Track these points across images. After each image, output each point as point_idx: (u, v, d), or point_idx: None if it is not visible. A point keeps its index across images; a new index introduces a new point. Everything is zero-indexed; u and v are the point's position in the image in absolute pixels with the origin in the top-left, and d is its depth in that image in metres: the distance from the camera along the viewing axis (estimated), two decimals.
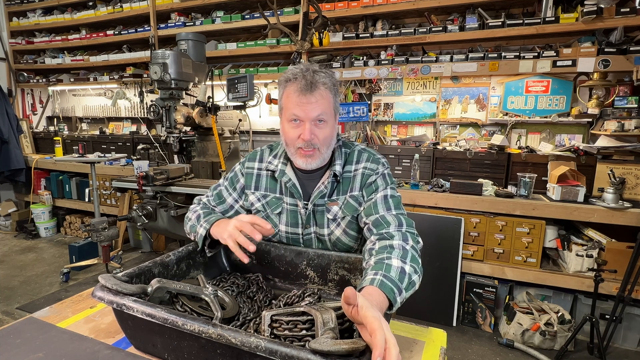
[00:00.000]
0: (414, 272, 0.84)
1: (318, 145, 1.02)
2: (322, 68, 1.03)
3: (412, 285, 0.82)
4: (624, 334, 2.21)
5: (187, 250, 1.00)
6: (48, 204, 4.08)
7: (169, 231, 2.47)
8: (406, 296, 0.80)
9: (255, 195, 1.15)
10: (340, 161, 1.09)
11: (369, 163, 1.10)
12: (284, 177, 1.10)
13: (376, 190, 1.05)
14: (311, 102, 0.98)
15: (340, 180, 1.09)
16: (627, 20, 2.28)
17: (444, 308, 2.43)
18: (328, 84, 1.01)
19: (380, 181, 1.07)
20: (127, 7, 3.78)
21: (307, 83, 0.98)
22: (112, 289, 0.71)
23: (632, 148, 2.20)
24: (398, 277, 0.79)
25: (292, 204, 1.11)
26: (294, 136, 1.02)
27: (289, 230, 1.12)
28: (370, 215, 1.01)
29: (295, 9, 3.09)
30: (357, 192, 1.08)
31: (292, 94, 1.00)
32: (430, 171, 2.78)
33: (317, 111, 0.99)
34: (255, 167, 1.16)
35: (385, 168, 1.10)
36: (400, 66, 2.85)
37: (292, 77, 1.01)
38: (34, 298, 2.71)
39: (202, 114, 2.67)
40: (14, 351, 0.73)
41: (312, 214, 1.10)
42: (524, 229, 2.29)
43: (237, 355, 0.62)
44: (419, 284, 0.86)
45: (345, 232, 1.09)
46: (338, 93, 1.07)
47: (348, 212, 1.07)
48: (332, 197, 1.09)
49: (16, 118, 4.00)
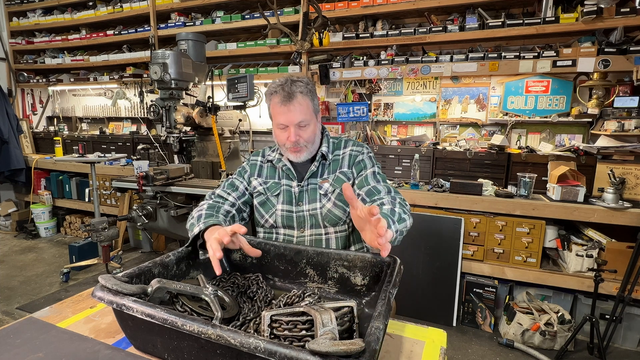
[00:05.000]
0: (403, 213, 1.02)
1: (304, 144, 1.22)
2: (298, 78, 1.21)
3: (402, 221, 0.99)
4: (624, 334, 2.21)
5: (187, 250, 1.00)
6: (48, 204, 4.09)
7: (169, 231, 2.47)
8: (400, 228, 0.96)
9: (257, 181, 1.33)
10: (326, 145, 1.30)
11: (354, 147, 1.32)
12: (280, 163, 1.30)
13: (365, 167, 1.26)
14: (291, 111, 1.16)
15: (329, 162, 1.30)
16: (627, 20, 2.28)
17: (444, 308, 2.43)
18: (304, 91, 1.18)
19: (367, 160, 1.28)
20: (127, 7, 3.77)
21: (285, 94, 1.16)
22: (112, 289, 0.71)
23: (632, 148, 2.20)
24: (389, 212, 0.98)
25: (287, 184, 1.30)
26: (283, 139, 1.22)
27: (284, 208, 1.28)
28: (363, 187, 1.20)
29: (295, 9, 3.09)
30: (347, 169, 1.28)
31: (276, 105, 1.18)
32: (430, 171, 2.78)
33: (298, 117, 1.17)
34: (258, 160, 1.38)
35: (369, 152, 1.32)
36: (400, 66, 2.85)
37: (273, 91, 1.19)
38: (34, 298, 2.71)
39: (202, 114, 2.67)
40: (14, 351, 0.73)
41: (305, 192, 1.27)
42: (524, 229, 2.29)
43: (236, 356, 0.62)
44: (410, 224, 1.04)
45: (335, 205, 1.25)
46: (315, 96, 1.24)
47: (338, 185, 1.25)
48: (324, 176, 1.28)
49: (16, 118, 4.00)
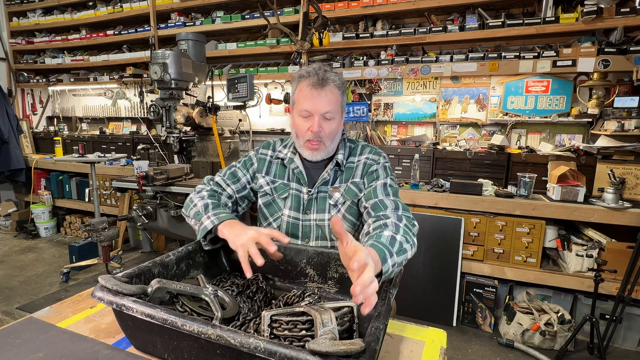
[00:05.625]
0: (405, 242, 0.88)
1: (324, 139, 1.11)
2: (332, 69, 1.13)
3: (403, 252, 0.86)
4: (624, 334, 2.21)
5: (187, 250, 1.00)
6: (48, 204, 4.08)
7: (169, 231, 2.47)
8: (397, 261, 0.83)
9: (265, 179, 1.22)
10: (342, 152, 1.19)
11: (371, 155, 1.20)
12: (292, 164, 1.19)
13: (377, 178, 1.14)
14: (321, 96, 1.08)
15: (343, 170, 1.19)
16: (627, 20, 2.28)
17: (444, 308, 2.43)
18: (337, 82, 1.11)
19: (381, 171, 1.16)
20: (127, 7, 3.77)
21: (318, 79, 1.08)
22: (112, 290, 0.71)
23: (632, 148, 2.20)
24: (388, 242, 0.84)
25: (297, 189, 1.19)
26: (303, 128, 1.11)
27: (291, 214, 1.19)
28: (369, 200, 1.09)
29: (295, 9, 3.09)
30: (359, 179, 1.17)
31: (304, 88, 1.10)
32: (430, 171, 2.78)
33: (326, 106, 1.09)
34: (268, 154, 1.25)
35: (386, 161, 1.20)
36: (400, 66, 2.85)
37: (305, 74, 1.11)
38: (34, 298, 2.71)
39: (202, 114, 2.67)
40: (14, 351, 0.73)
41: (314, 200, 1.17)
42: (524, 229, 2.29)
43: (236, 356, 0.62)
44: (412, 254, 0.90)
45: (344, 217, 1.17)
46: (345, 93, 1.16)
47: (348, 197, 1.16)
48: (335, 185, 1.18)
49: (16, 118, 3.99)
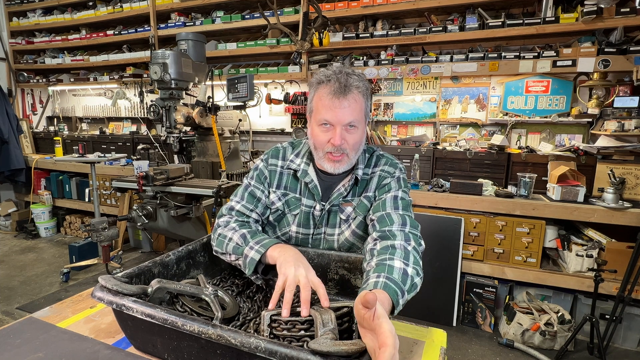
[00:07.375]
0: (416, 275, 0.83)
1: (347, 151, 1.00)
2: (354, 71, 1.00)
3: (414, 288, 0.82)
4: (624, 334, 2.21)
5: (186, 250, 1.00)
6: (48, 204, 4.09)
7: (169, 231, 2.47)
8: (408, 298, 0.79)
9: (276, 194, 1.11)
10: (362, 165, 1.09)
11: (386, 166, 1.10)
12: (307, 178, 1.08)
13: (388, 190, 1.05)
14: (344, 107, 0.95)
15: (357, 183, 1.09)
16: (627, 20, 2.29)
17: (444, 308, 2.43)
18: (361, 88, 0.98)
19: (393, 183, 1.06)
20: (127, 7, 3.77)
21: (340, 86, 0.95)
22: (111, 290, 0.71)
23: (632, 148, 2.20)
24: (401, 279, 0.78)
25: (308, 205, 1.09)
26: (323, 140, 1.00)
27: (300, 231, 1.11)
28: (377, 212, 1.00)
29: (295, 9, 3.09)
30: (372, 193, 1.07)
31: (324, 96, 0.96)
32: (430, 171, 2.78)
33: (349, 117, 0.96)
34: (278, 165, 1.13)
35: (402, 173, 1.10)
36: (400, 66, 2.85)
37: (324, 79, 0.97)
38: (34, 298, 2.71)
39: (202, 114, 2.67)
40: (14, 351, 0.73)
41: (326, 214, 1.09)
42: (524, 229, 2.29)
43: (236, 356, 0.62)
44: (420, 285, 0.85)
45: (354, 233, 1.08)
46: (370, 96, 1.05)
47: (360, 212, 1.07)
48: (347, 198, 1.08)
49: (16, 118, 4.00)
